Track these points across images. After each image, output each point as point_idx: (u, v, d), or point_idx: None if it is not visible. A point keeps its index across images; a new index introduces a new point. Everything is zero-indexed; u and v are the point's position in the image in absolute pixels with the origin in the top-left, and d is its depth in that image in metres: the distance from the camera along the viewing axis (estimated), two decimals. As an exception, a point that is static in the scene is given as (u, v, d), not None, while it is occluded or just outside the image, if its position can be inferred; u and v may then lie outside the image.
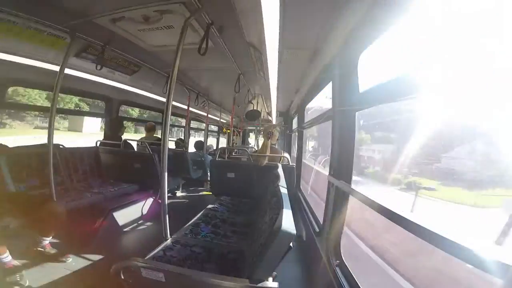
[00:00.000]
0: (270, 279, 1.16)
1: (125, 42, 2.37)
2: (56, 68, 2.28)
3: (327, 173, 1.97)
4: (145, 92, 3.96)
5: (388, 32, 1.19)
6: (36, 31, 2.07)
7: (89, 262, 2.20)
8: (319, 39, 1.73)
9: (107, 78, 3.14)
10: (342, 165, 1.68)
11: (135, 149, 4.38)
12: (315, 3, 1.30)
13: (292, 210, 1.24)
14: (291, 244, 1.09)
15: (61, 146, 3.21)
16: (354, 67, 1.54)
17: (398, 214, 0.95)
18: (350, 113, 1.60)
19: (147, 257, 1.54)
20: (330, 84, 1.99)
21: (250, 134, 11.15)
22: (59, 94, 2.32)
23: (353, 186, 1.56)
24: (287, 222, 1.06)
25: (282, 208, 1.21)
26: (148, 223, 3.24)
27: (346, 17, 1.35)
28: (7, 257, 1.86)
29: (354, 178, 1.67)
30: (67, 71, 2.62)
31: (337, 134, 1.71)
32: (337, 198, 1.71)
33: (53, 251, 2.20)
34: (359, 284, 1.42)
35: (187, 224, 2.21)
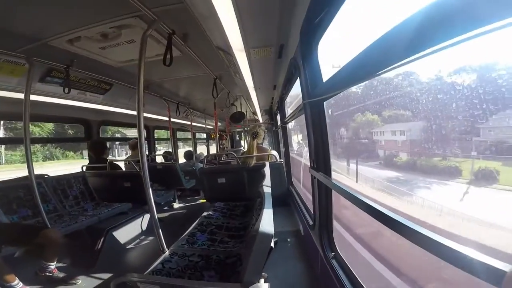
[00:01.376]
0: (262, 280, 1.16)
1: (89, 62, 2.31)
2: (22, 96, 2.21)
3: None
4: (123, 110, 3.90)
5: (339, 16, 1.20)
6: None
7: (99, 282, 2.25)
8: (279, 35, 1.74)
9: (80, 101, 3.07)
10: (319, 157, 1.69)
11: (123, 168, 4.33)
12: (267, 2, 1.30)
13: (285, 207, 1.25)
14: (272, 244, 1.09)
15: (45, 176, 3.16)
16: (315, 57, 1.55)
17: (378, 210, 0.95)
18: (318, 103, 1.60)
19: (147, 271, 1.54)
20: None
21: (240, 136, 11.16)
22: (34, 123, 2.27)
23: (399, 187, 1.55)
24: (266, 222, 1.07)
25: (263, 208, 1.22)
26: (150, 238, 3.25)
27: (298, 12, 1.36)
28: (18, 284, 1.94)
29: (390, 174, 1.64)
30: (36, 98, 2.56)
31: (310, 126, 1.72)
32: (321, 190, 1.73)
33: (61, 275, 2.27)
34: (355, 274, 1.44)
35: (183, 235, 2.22)
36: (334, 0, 1.14)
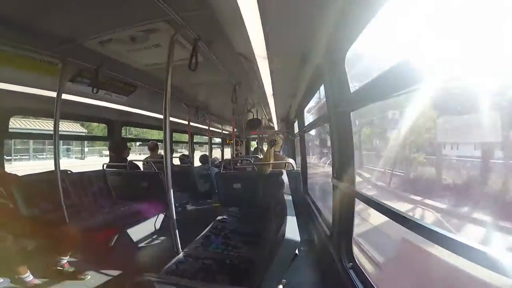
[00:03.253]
0: (280, 286, 1.14)
1: (117, 64, 2.40)
2: (54, 94, 2.33)
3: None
4: (145, 112, 4.02)
5: (370, 28, 1.18)
6: (27, 58, 2.08)
7: (107, 278, 2.26)
8: (305, 43, 1.74)
9: (105, 101, 3.19)
10: (343, 167, 1.65)
11: (141, 168, 4.44)
12: (293, 9, 1.31)
13: (300, 215, 1.23)
14: (296, 251, 1.08)
15: (69, 172, 3.29)
16: (342, 67, 1.53)
17: (406, 217, 0.92)
18: (345, 114, 1.58)
19: (161, 271, 1.57)
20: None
21: (253, 142, 11.17)
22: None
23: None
24: (291, 229, 1.05)
25: (286, 215, 1.21)
26: (162, 238, 3.29)
27: (325, 18, 1.35)
28: (28, 277, 1.96)
29: None
30: (66, 96, 2.69)
31: (335, 136, 1.69)
32: (343, 200, 1.69)
33: (71, 269, 2.28)
34: (374, 286, 1.38)
35: (198, 237, 2.24)
36: (367, 10, 1.12)
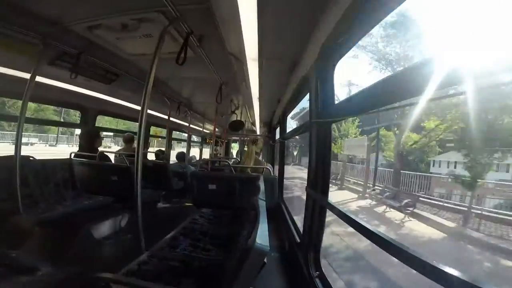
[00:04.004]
0: None
1: (102, 50, 2.30)
2: (27, 76, 2.18)
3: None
4: (124, 102, 3.85)
5: (360, 44, 1.22)
6: (5, 37, 1.94)
7: (61, 276, 2.07)
8: (296, 51, 1.77)
9: (82, 87, 3.03)
10: (319, 177, 1.68)
11: (113, 161, 4.22)
12: (290, 14, 1.32)
13: (273, 221, 1.22)
14: (265, 260, 1.06)
15: (31, 158, 3.04)
16: (331, 79, 1.56)
17: (378, 234, 0.97)
18: (326, 125, 1.61)
19: (120, 271, 1.47)
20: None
21: (234, 144, 11.12)
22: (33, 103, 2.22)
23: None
24: (262, 237, 1.03)
25: (259, 222, 1.19)
26: (128, 236, 3.09)
27: (319, 31, 1.39)
28: None
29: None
30: (41, 79, 2.52)
31: (314, 146, 1.72)
32: (315, 209, 1.71)
33: (23, 264, 2.06)
34: None
35: (166, 237, 2.14)
36: (361, 26, 1.16)
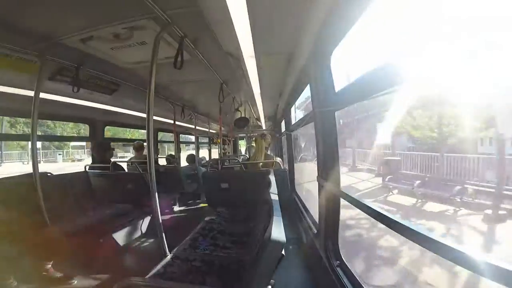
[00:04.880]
0: (269, 287, 1.14)
1: (99, 62, 2.32)
2: (32, 94, 2.22)
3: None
4: (129, 111, 3.91)
5: (355, 28, 1.20)
6: (3, 55, 1.97)
7: (94, 282, 2.19)
8: (292, 43, 1.75)
9: (87, 100, 3.08)
10: (328, 166, 1.68)
11: (126, 169, 4.32)
12: (281, 8, 1.31)
13: (288, 214, 1.24)
14: (283, 252, 1.08)
15: (48, 174, 3.15)
16: (328, 68, 1.55)
17: (391, 218, 0.96)
18: (330, 113, 1.60)
19: (148, 275, 1.54)
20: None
21: (241, 141, 11.13)
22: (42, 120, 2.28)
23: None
24: (277, 230, 1.05)
25: (272, 216, 1.21)
26: (150, 240, 3.22)
27: (311, 19, 1.37)
28: (12, 283, 1.87)
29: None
30: (45, 95, 2.58)
31: (320, 136, 1.71)
32: (328, 199, 1.71)
33: (57, 274, 2.20)
34: (361, 284, 1.41)
35: (186, 239, 2.20)
36: (352, 11, 1.14)
